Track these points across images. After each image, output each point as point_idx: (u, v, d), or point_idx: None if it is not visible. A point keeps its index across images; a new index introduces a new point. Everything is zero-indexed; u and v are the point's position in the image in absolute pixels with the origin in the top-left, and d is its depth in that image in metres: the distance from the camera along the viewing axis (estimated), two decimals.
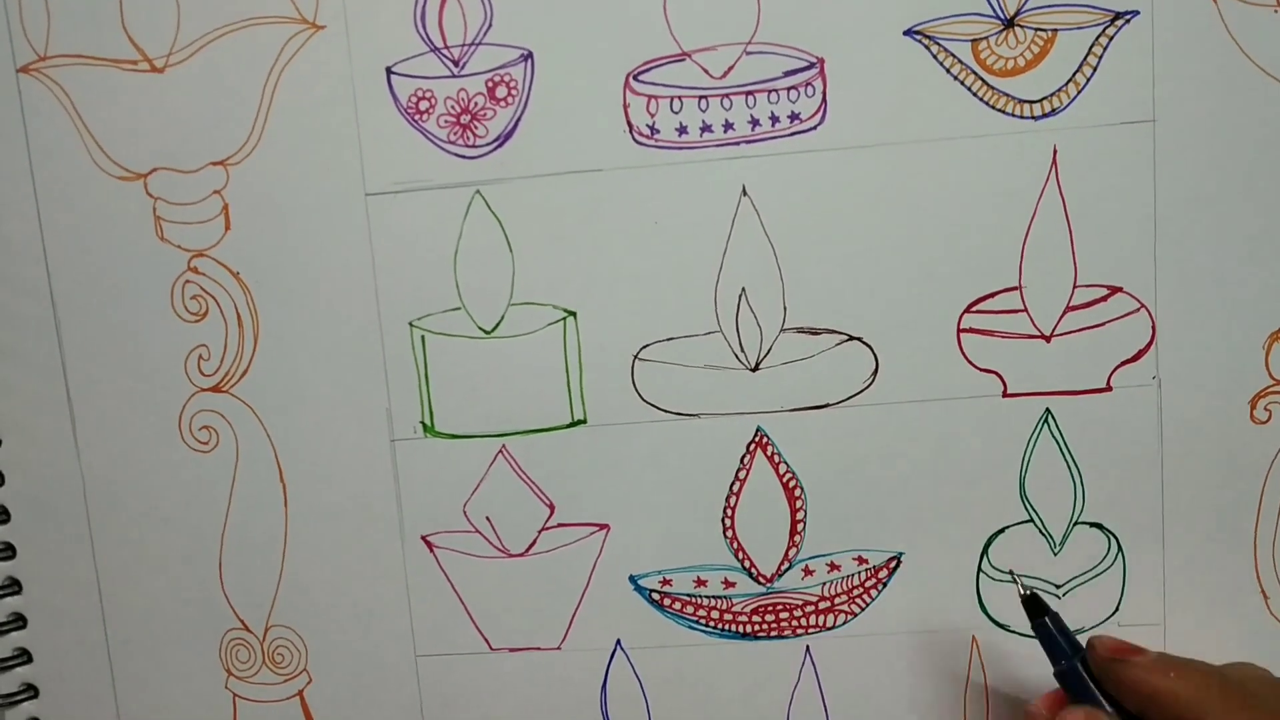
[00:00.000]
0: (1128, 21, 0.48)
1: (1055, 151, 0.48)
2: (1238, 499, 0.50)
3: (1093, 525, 0.51)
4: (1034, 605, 0.47)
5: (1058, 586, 0.51)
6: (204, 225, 0.52)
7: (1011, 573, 0.50)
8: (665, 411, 0.51)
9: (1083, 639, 0.50)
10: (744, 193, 0.50)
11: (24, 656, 0.55)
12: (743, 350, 0.51)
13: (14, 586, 0.55)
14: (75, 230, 0.52)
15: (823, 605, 0.52)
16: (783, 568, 0.52)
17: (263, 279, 0.52)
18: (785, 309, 0.50)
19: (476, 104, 0.50)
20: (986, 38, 0.48)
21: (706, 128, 0.49)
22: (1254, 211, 0.48)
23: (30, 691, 0.55)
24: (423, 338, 0.52)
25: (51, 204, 0.52)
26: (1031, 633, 0.50)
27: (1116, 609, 0.51)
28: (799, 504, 0.51)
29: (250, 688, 0.55)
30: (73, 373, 0.53)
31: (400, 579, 0.53)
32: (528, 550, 0.53)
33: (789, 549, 0.52)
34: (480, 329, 0.51)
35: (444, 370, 0.52)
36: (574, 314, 0.51)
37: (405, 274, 0.51)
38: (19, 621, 0.55)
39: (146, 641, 0.55)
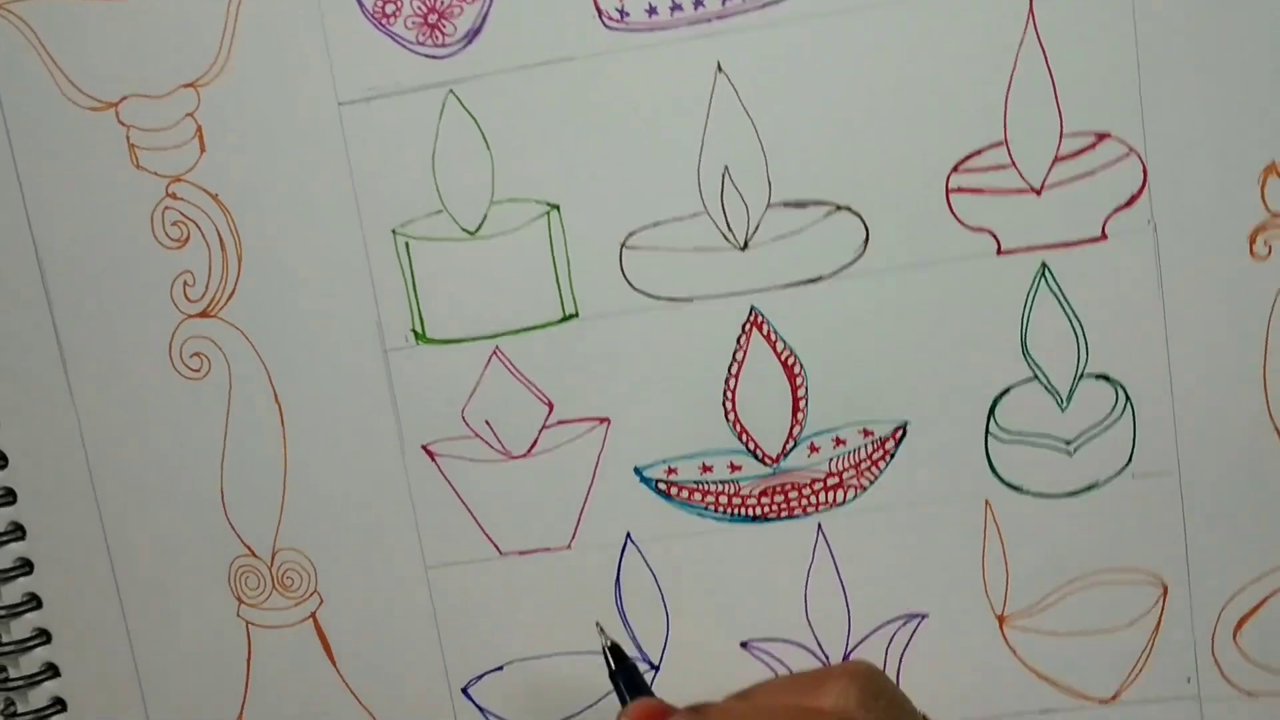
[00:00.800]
0: None
1: None
2: (1243, 337, 0.49)
3: (1099, 377, 0.50)
4: (617, 654, 0.46)
5: (1068, 443, 0.50)
6: (178, 150, 0.51)
7: (597, 624, 0.49)
8: (657, 298, 0.51)
9: (1088, 498, 0.50)
10: (719, 70, 0.49)
11: (33, 602, 0.55)
12: (730, 230, 0.50)
13: (18, 532, 0.54)
14: (51, 166, 0.52)
15: (831, 482, 0.51)
16: (788, 447, 0.51)
17: (242, 199, 0.52)
18: (770, 184, 0.50)
19: (443, 1, 0.49)
20: None
21: (676, 6, 0.49)
22: (1239, 43, 0.47)
23: (43, 637, 0.55)
24: (406, 244, 0.51)
25: (24, 142, 0.52)
26: (1045, 492, 0.50)
27: (1129, 460, 0.50)
28: (799, 380, 0.51)
29: (262, 614, 0.54)
30: (59, 310, 0.53)
31: (404, 491, 0.53)
32: (530, 451, 0.52)
33: (792, 427, 0.51)
34: (464, 230, 0.51)
35: (430, 275, 0.51)
36: (557, 207, 0.50)
37: (384, 181, 0.51)
38: (25, 567, 0.54)
39: (155, 578, 0.54)
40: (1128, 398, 0.50)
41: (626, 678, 0.46)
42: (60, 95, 0.51)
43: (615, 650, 0.46)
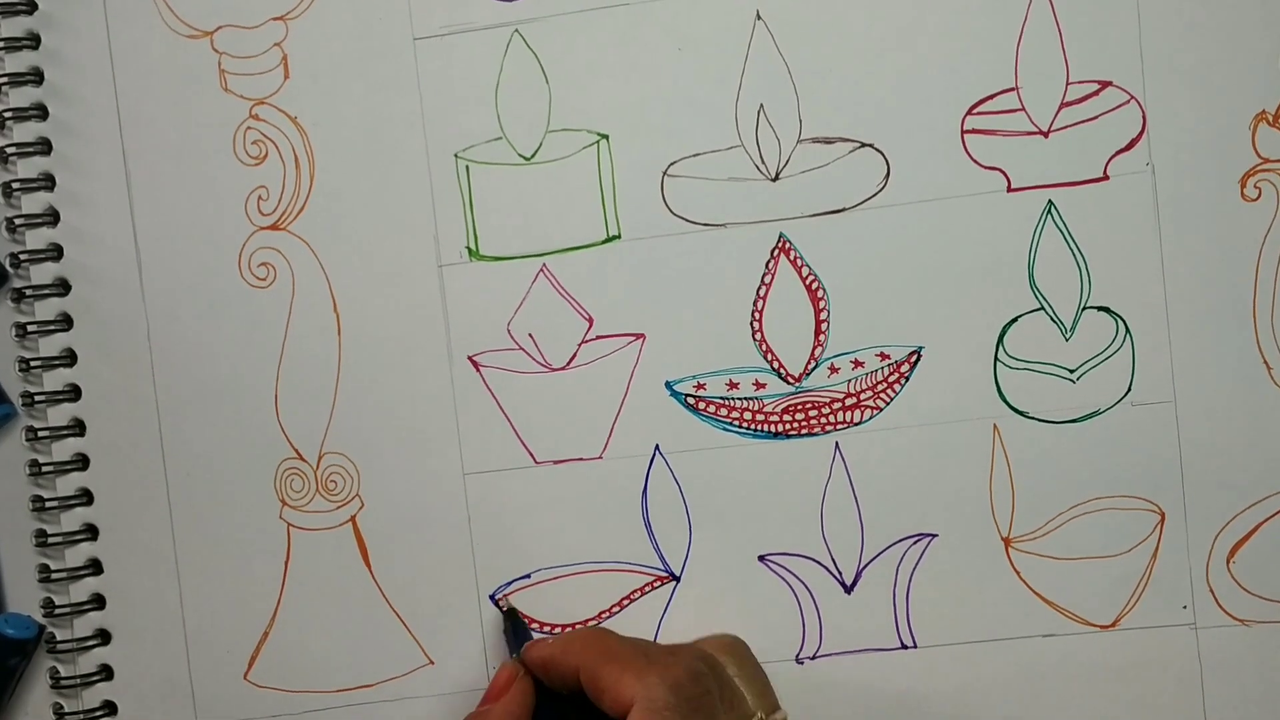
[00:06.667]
0: None
1: None
2: (1234, 274, 0.53)
3: (1100, 309, 0.54)
4: (510, 614, 0.55)
5: (1071, 371, 0.54)
6: (264, 75, 0.56)
7: (506, 601, 0.56)
8: (693, 223, 0.55)
9: (1095, 422, 0.53)
10: (758, 17, 0.54)
11: (84, 497, 0.57)
12: (763, 162, 0.55)
13: (78, 429, 0.57)
14: (146, 87, 0.57)
15: (849, 402, 0.55)
16: (810, 367, 0.55)
17: (318, 122, 0.56)
18: (801, 121, 0.54)
19: None
20: None
21: None
22: (1233, 2, 0.53)
23: (89, 533, 0.57)
24: (467, 167, 0.56)
25: (125, 64, 0.57)
26: (1050, 418, 0.53)
27: (1129, 389, 0.54)
28: (822, 304, 0.55)
29: (304, 516, 0.57)
30: (140, 218, 0.57)
31: (448, 400, 0.56)
32: (569, 364, 0.56)
33: (815, 348, 0.55)
34: (520, 156, 0.56)
35: (487, 197, 0.56)
36: (606, 137, 0.55)
37: (450, 110, 0.56)
38: (80, 463, 0.57)
39: (205, 476, 0.57)
40: (1127, 329, 0.54)
41: (516, 630, 0.54)
42: (162, 24, 0.57)
43: (510, 612, 0.55)
